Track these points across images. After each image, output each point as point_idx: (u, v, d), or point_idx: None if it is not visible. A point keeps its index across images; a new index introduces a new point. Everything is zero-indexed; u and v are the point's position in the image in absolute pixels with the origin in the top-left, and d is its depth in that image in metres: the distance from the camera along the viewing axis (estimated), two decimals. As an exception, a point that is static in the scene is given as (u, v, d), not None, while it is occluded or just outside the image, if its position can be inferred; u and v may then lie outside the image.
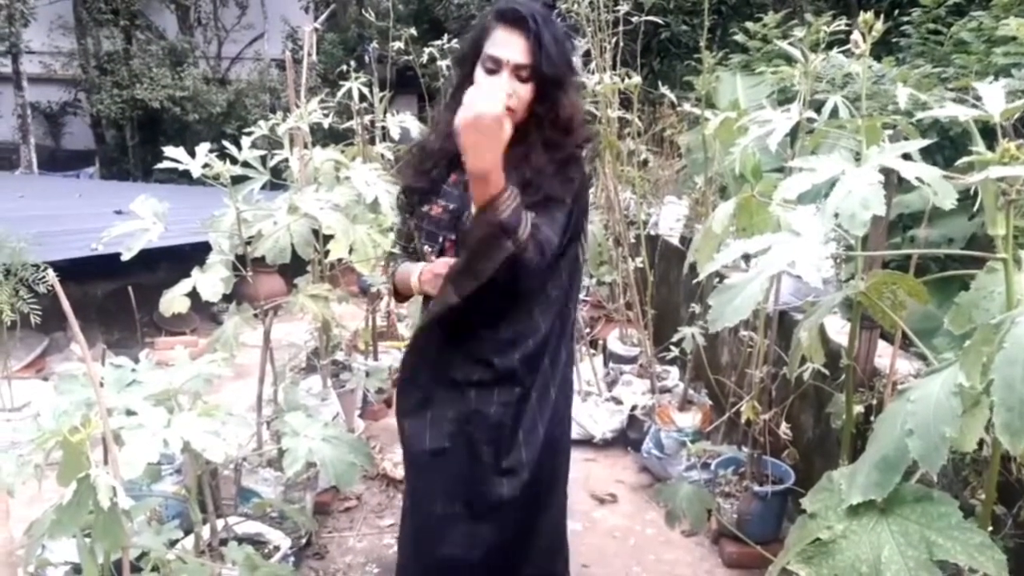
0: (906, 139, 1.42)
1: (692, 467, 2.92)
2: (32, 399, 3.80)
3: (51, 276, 1.33)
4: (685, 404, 3.51)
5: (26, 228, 4.03)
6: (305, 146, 2.80)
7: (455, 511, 1.68)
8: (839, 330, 2.57)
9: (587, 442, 3.64)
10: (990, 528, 1.15)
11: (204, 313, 5.66)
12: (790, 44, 2.19)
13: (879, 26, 1.33)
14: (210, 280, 2.24)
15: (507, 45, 1.54)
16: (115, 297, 5.12)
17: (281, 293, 3.14)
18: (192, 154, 2.19)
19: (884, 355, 2.31)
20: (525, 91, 1.56)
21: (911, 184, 1.15)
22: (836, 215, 1.11)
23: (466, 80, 1.60)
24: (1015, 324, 0.90)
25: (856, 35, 1.34)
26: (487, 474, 1.67)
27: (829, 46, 2.51)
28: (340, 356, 3.85)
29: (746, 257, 1.23)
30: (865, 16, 1.33)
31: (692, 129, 4.33)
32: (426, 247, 1.70)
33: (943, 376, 1.02)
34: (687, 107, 3.77)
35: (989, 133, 1.17)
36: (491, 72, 1.56)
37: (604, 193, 3.79)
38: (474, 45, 1.60)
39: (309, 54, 3.32)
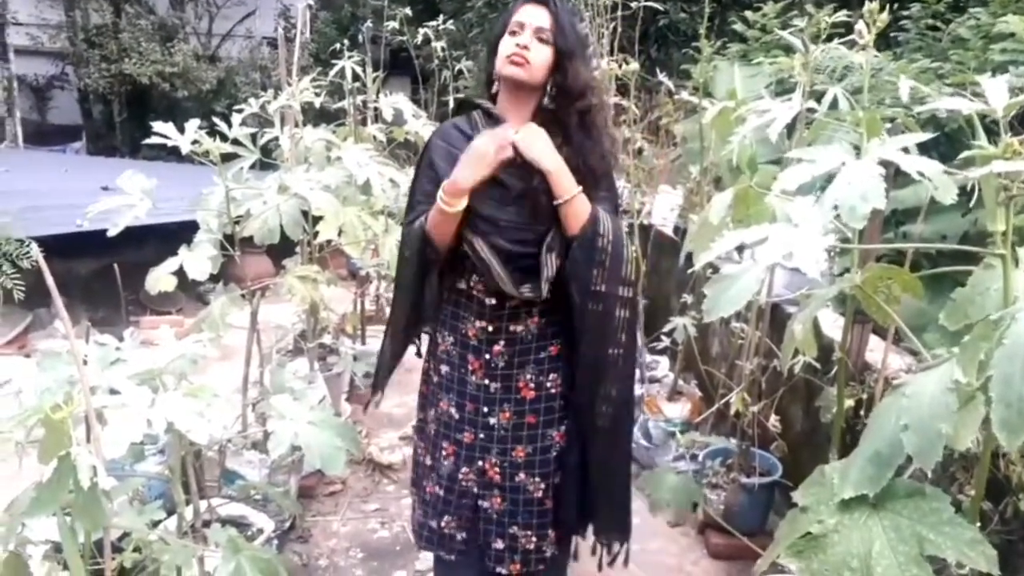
0: (904, 132, 1.41)
1: (680, 457, 2.93)
2: (14, 376, 3.75)
3: (35, 251, 1.30)
4: (674, 394, 3.51)
5: (11, 203, 3.98)
6: (296, 125, 2.76)
7: None
8: (831, 324, 2.58)
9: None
10: (978, 524, 1.14)
11: (190, 293, 5.62)
12: (791, 34, 2.17)
13: (884, 17, 1.32)
14: (197, 259, 2.21)
15: (528, 13, 1.75)
16: (100, 274, 5.06)
17: (269, 274, 3.11)
18: (181, 130, 2.15)
19: (875, 350, 2.31)
20: (543, 53, 1.73)
21: (904, 180, 1.14)
22: (835, 207, 1.10)
23: (492, 54, 1.81)
24: (1015, 320, 0.89)
25: (860, 25, 1.33)
26: None
27: (828, 39, 2.49)
28: (328, 339, 3.83)
29: (739, 249, 1.22)
30: (870, 6, 1.31)
31: (688, 118, 4.31)
32: None
33: (939, 372, 1.01)
34: (684, 96, 3.75)
35: (984, 131, 1.16)
36: (514, 33, 1.74)
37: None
38: (503, 23, 1.80)
39: (302, 32, 3.27)
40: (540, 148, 1.71)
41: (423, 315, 1.96)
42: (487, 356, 1.84)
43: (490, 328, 1.83)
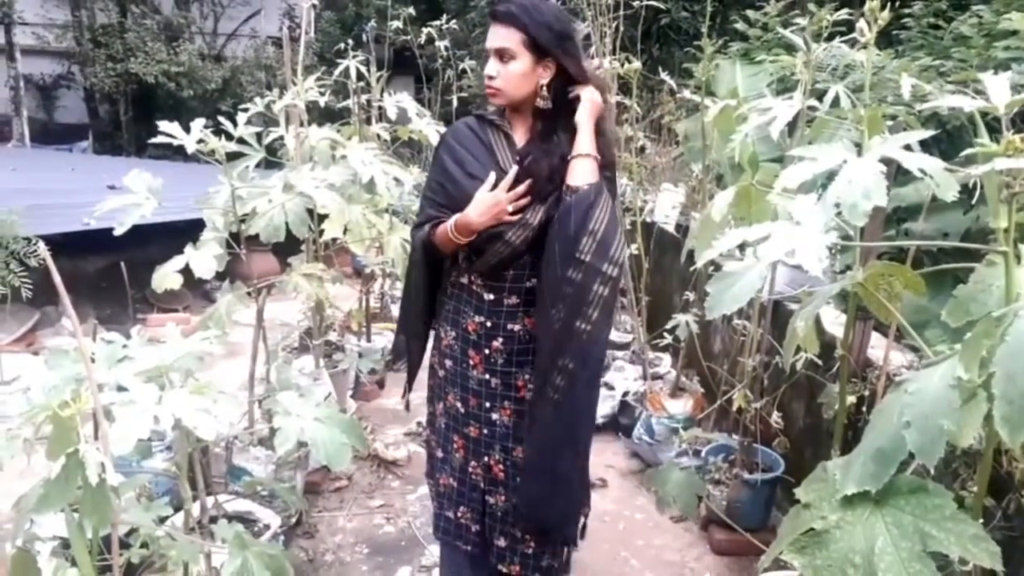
0: (905, 130, 1.42)
1: (683, 454, 2.93)
2: (22, 373, 3.78)
3: (43, 250, 1.31)
4: (677, 391, 3.52)
5: (18, 201, 3.99)
6: (301, 124, 2.77)
7: None
8: (833, 321, 2.58)
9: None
10: (980, 520, 1.15)
11: (197, 291, 5.64)
12: (793, 32, 2.17)
13: (885, 15, 1.32)
14: (203, 257, 2.22)
15: (492, 36, 1.78)
16: (107, 272, 5.09)
17: (274, 272, 3.12)
18: (187, 130, 2.16)
19: (877, 346, 2.31)
20: (511, 71, 1.76)
21: (905, 177, 1.15)
22: (837, 205, 1.10)
23: None
24: (1018, 317, 0.89)
25: (862, 23, 1.33)
26: None
27: (830, 37, 2.50)
28: (333, 336, 3.84)
29: (741, 247, 1.22)
30: (872, 4, 1.32)
31: (690, 117, 4.31)
32: None
33: (942, 369, 1.01)
34: (686, 94, 3.75)
35: (986, 129, 1.16)
36: (486, 58, 1.81)
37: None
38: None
39: (306, 32, 3.28)
40: (590, 107, 1.77)
41: (436, 309, 2.02)
42: (486, 351, 1.87)
43: (488, 323, 1.86)
